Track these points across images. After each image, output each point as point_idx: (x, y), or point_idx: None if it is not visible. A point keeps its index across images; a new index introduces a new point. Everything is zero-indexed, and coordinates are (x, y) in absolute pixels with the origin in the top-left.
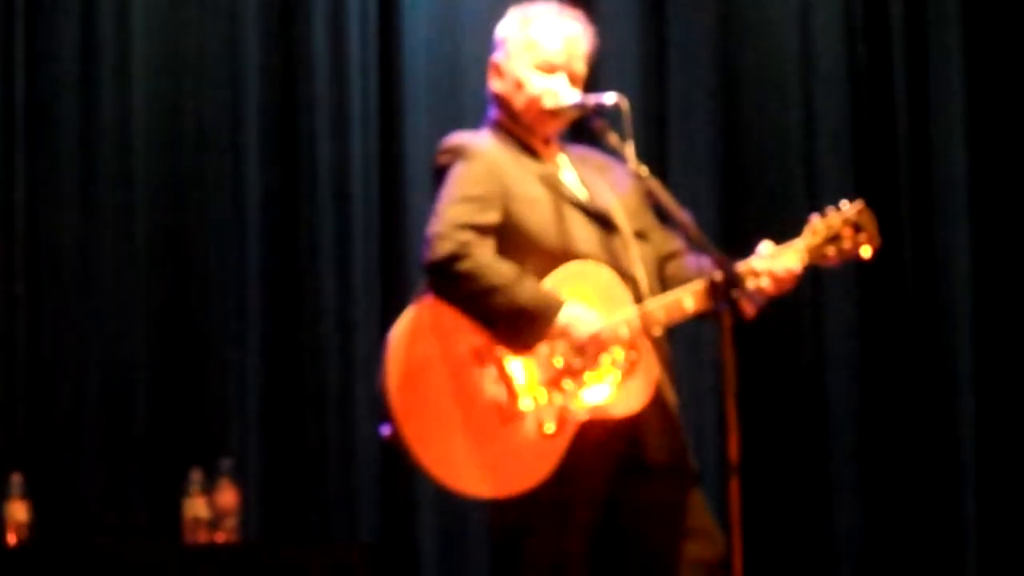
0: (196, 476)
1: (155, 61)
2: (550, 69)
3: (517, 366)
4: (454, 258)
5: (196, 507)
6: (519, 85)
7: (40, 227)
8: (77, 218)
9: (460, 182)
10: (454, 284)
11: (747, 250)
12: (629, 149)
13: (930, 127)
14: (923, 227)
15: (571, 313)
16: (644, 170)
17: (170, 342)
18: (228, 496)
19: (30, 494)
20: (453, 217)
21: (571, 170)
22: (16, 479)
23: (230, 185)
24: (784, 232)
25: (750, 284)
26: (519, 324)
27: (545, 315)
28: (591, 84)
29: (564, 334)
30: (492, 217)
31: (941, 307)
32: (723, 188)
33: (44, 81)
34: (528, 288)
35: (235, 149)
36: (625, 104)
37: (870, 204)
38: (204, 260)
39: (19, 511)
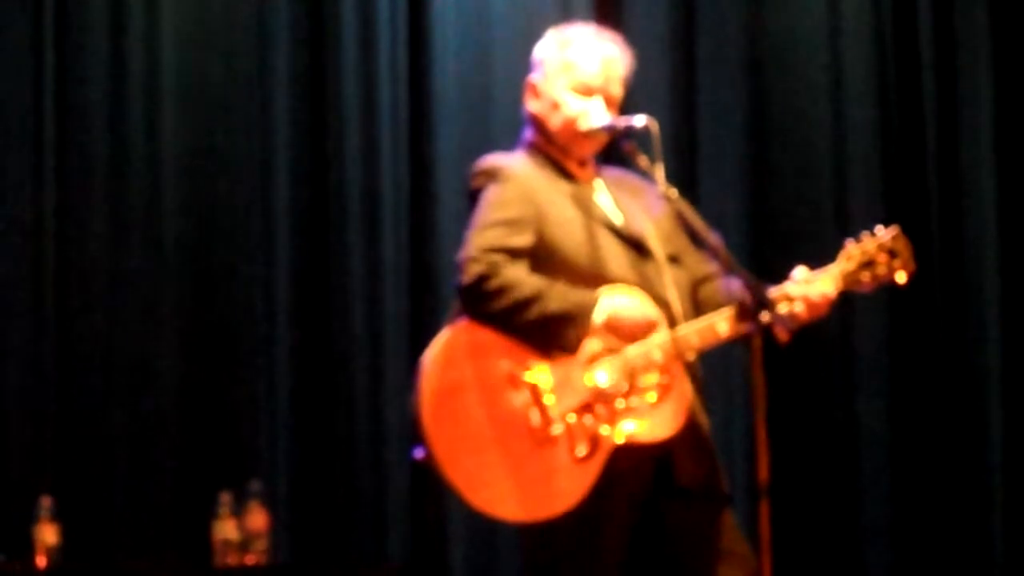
0: (226, 499)
1: (184, 78)
2: (587, 92)
3: (551, 389)
4: (484, 278)
5: (226, 529)
6: (555, 106)
7: (70, 251)
8: (106, 243)
9: (493, 206)
10: (487, 303)
11: (776, 272)
12: (659, 171)
13: (959, 151)
14: (952, 250)
15: (610, 303)
16: (674, 192)
17: (200, 365)
18: (258, 518)
19: (59, 517)
20: (484, 242)
21: (606, 193)
22: (45, 502)
23: (260, 208)
24: (813, 254)
25: (783, 308)
26: (558, 329)
27: (582, 313)
28: (623, 108)
29: (608, 327)
30: (524, 240)
31: (971, 329)
32: (753, 211)
33: (74, 96)
34: (559, 292)
35: (264, 172)
36: (655, 126)
37: (900, 221)
38: (233, 283)
39: (49, 534)
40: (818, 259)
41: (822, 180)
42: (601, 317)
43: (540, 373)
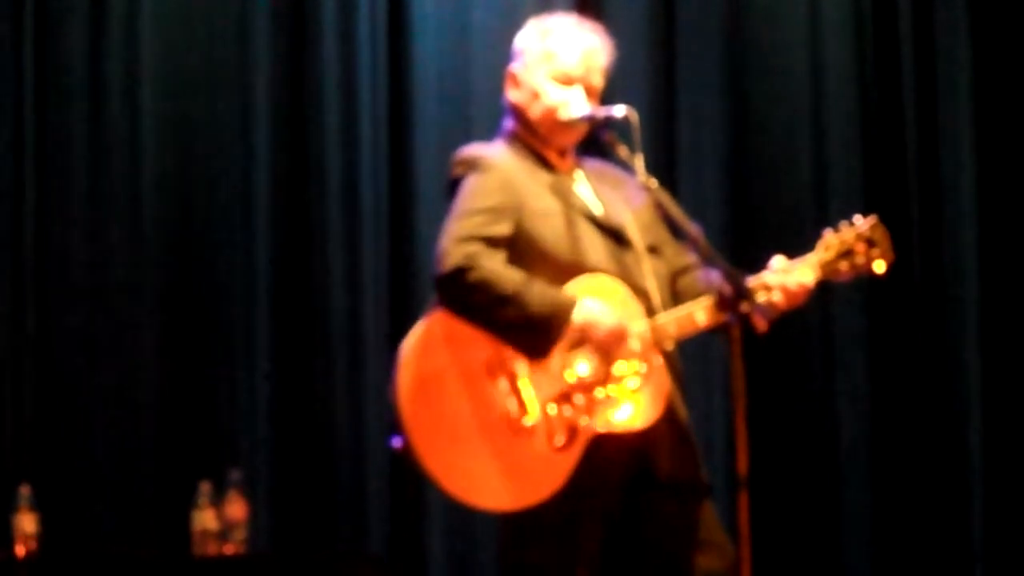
0: (205, 488)
1: (164, 68)
2: (567, 81)
3: (529, 378)
4: (461, 270)
5: (205, 519)
6: (535, 95)
7: (49, 239)
8: (86, 230)
9: (472, 195)
10: (463, 297)
11: (757, 263)
12: (638, 162)
13: (939, 141)
14: (931, 240)
15: (586, 310)
16: (653, 182)
17: (179, 354)
18: (237, 508)
19: (38, 506)
20: (461, 230)
21: (586, 183)
22: (24, 491)
23: (239, 197)
24: (794, 244)
25: (761, 298)
26: (532, 331)
27: (559, 317)
28: (603, 97)
29: (582, 333)
30: (503, 229)
31: (950, 319)
32: (733, 201)
33: (53, 89)
34: (538, 293)
35: (245, 162)
36: (634, 117)
37: (879, 213)
38: (213, 272)
39: (27, 523)
40: (798, 249)
41: (802, 169)
42: (578, 322)
43: (518, 362)
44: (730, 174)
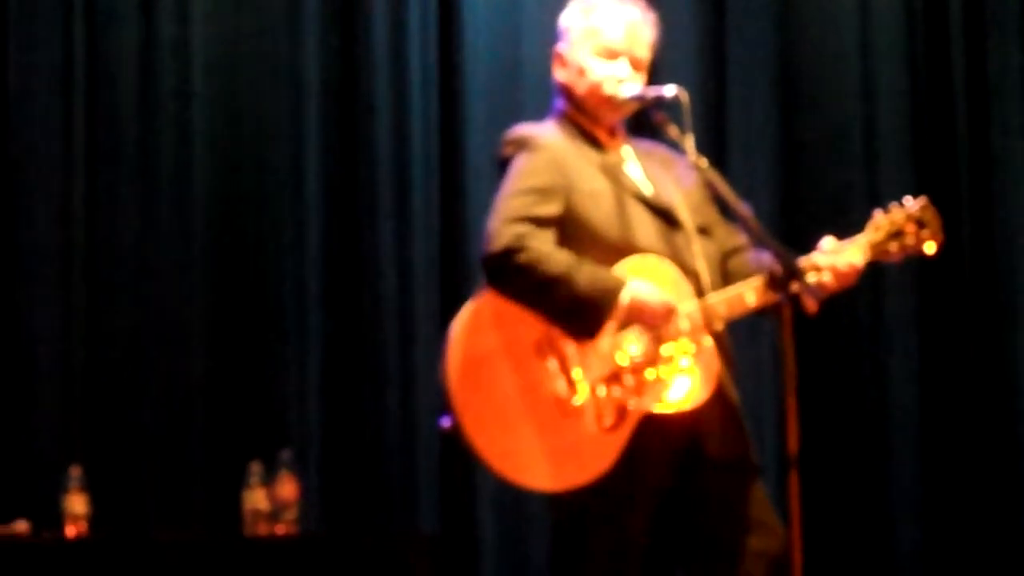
0: (256, 468)
1: (215, 69)
2: (611, 55)
3: (578, 359)
4: (510, 251)
5: (256, 499)
6: (581, 72)
7: (98, 221)
8: (135, 212)
9: (521, 175)
10: (511, 278)
11: (807, 243)
12: (689, 142)
13: (990, 121)
14: (982, 222)
15: (635, 291)
16: (704, 162)
17: (230, 335)
18: (288, 488)
19: (89, 487)
20: (510, 211)
21: (636, 163)
22: (75, 472)
23: (290, 177)
24: (843, 224)
25: (811, 279)
26: (581, 313)
27: (606, 299)
28: (652, 75)
29: (631, 313)
30: (552, 209)
31: (1001, 301)
32: (783, 181)
33: (104, 91)
34: (586, 275)
35: (295, 144)
36: (685, 97)
37: (930, 194)
38: (263, 252)
39: (78, 504)
40: (848, 230)
41: (852, 151)
42: (625, 302)
43: (567, 342)
44: (780, 155)
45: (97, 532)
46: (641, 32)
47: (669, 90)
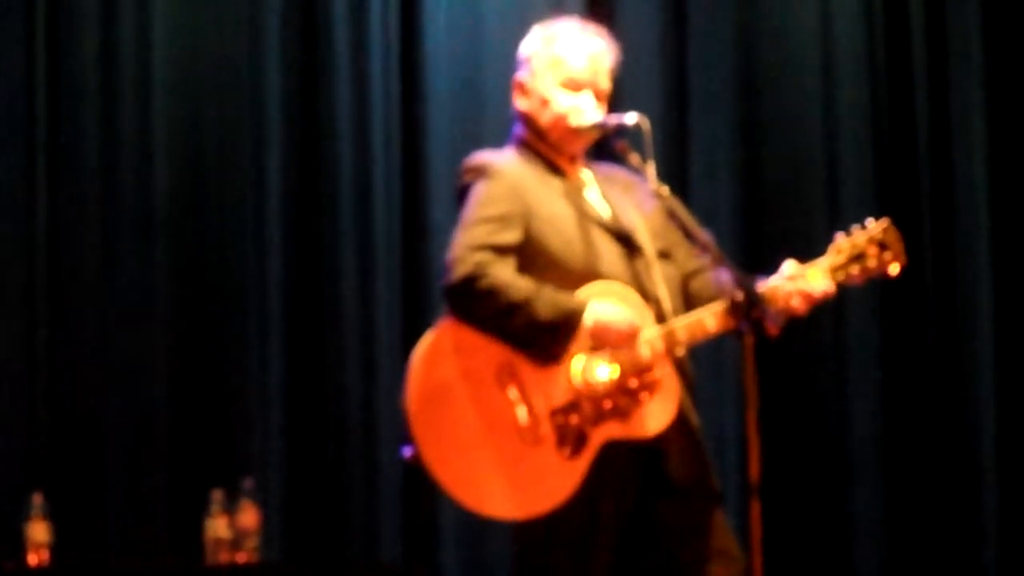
0: (217, 496)
1: (175, 75)
2: (576, 87)
3: (538, 387)
4: (471, 279)
5: (217, 527)
6: (544, 103)
7: (61, 248)
8: (98, 239)
9: (480, 202)
10: (473, 306)
11: (768, 268)
12: (650, 169)
13: (951, 142)
14: (944, 245)
15: (597, 312)
16: (665, 190)
17: (191, 363)
18: (249, 516)
19: (51, 514)
20: (470, 239)
21: (595, 188)
22: (37, 499)
23: (251, 205)
24: (805, 250)
25: (776, 303)
26: (544, 338)
27: (570, 323)
28: (613, 103)
29: (594, 336)
30: (512, 236)
31: (963, 322)
32: (744, 206)
33: (65, 97)
34: (547, 300)
35: (256, 169)
36: (646, 124)
37: (891, 216)
38: (225, 280)
39: (40, 531)
40: (810, 255)
41: (814, 174)
42: (588, 324)
43: (527, 370)
44: (742, 181)
45: (59, 560)
46: (603, 62)
47: (630, 118)
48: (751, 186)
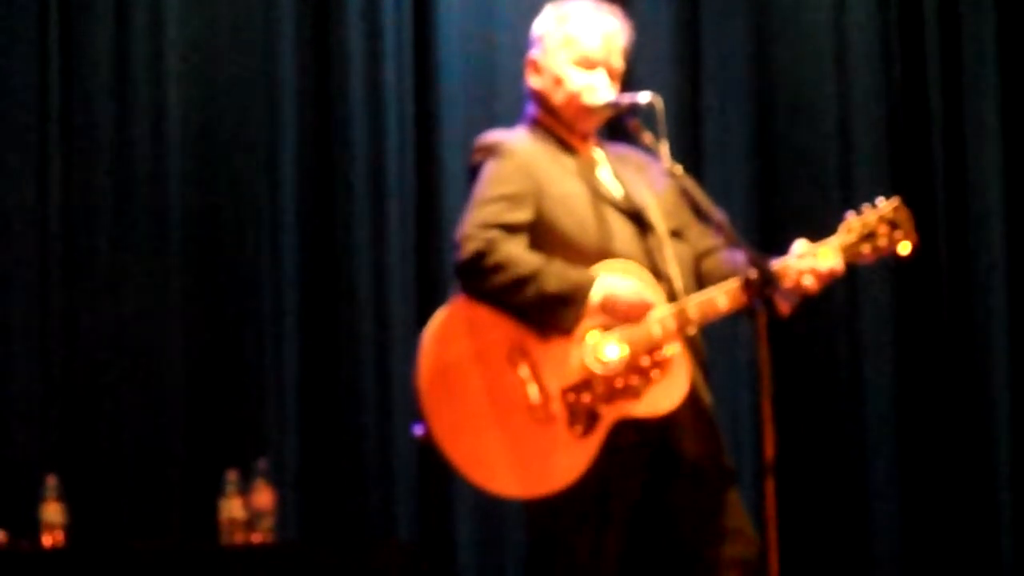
0: (232, 477)
1: (190, 66)
2: (589, 65)
3: (550, 365)
4: (480, 255)
5: (232, 508)
6: (558, 81)
7: (75, 228)
8: (112, 220)
9: (491, 181)
10: (483, 281)
11: (781, 247)
12: (663, 148)
13: (964, 122)
14: (957, 224)
15: (606, 285)
16: (678, 169)
17: (206, 343)
18: (264, 497)
19: (65, 496)
20: (481, 218)
21: (607, 167)
22: (51, 481)
23: (265, 185)
24: (819, 229)
25: (787, 282)
26: (555, 310)
27: (578, 294)
28: (627, 82)
29: (604, 308)
30: (523, 215)
31: (976, 301)
32: (758, 185)
33: (79, 90)
34: (556, 272)
35: (270, 152)
36: (659, 103)
37: (905, 195)
38: (240, 261)
39: (54, 513)
40: (823, 233)
41: (828, 153)
42: (597, 297)
43: (539, 349)
44: (756, 160)
45: (74, 541)
46: (617, 41)
47: (644, 96)
48: (765, 165)
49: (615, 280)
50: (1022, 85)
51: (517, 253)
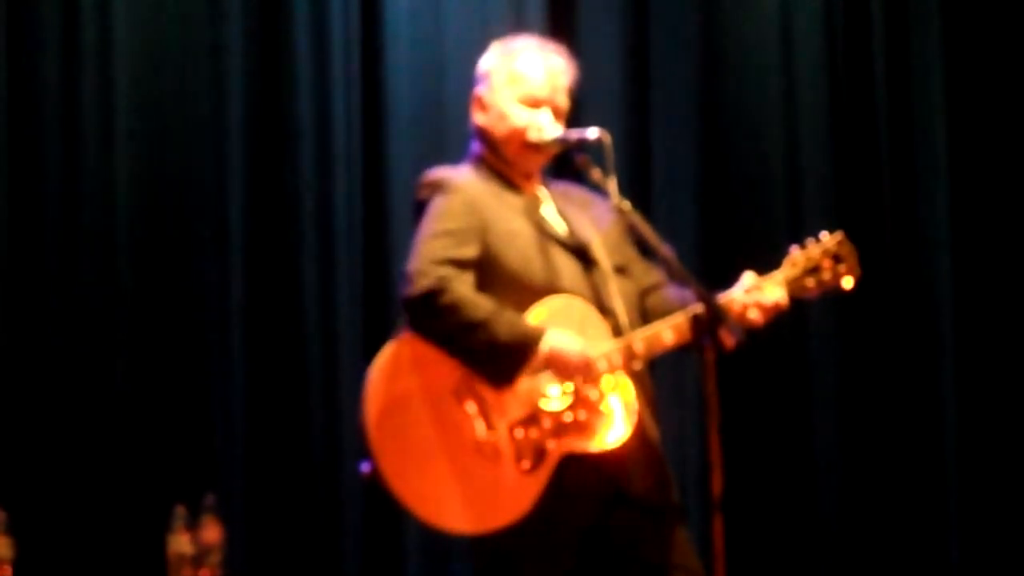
0: (180, 512)
1: (137, 90)
2: (534, 103)
3: (496, 402)
4: (433, 293)
5: (180, 543)
6: (502, 118)
7: (19, 260)
8: (58, 245)
9: (438, 217)
10: (433, 320)
11: (729, 282)
12: (612, 184)
13: (913, 139)
14: (905, 254)
15: (553, 341)
16: (627, 205)
17: (153, 377)
18: (212, 532)
19: (13, 531)
20: (431, 252)
21: (551, 205)
22: None
23: (212, 218)
24: (767, 264)
25: (733, 315)
26: (500, 359)
27: (526, 347)
28: (574, 118)
29: (549, 363)
30: (470, 251)
31: (926, 330)
32: (705, 221)
33: (24, 101)
34: (507, 322)
35: (217, 182)
36: (607, 139)
37: (853, 228)
38: (186, 296)
39: (2, 548)
40: (771, 267)
41: (776, 189)
42: (544, 351)
43: (486, 385)
44: (704, 194)
45: None
46: (562, 79)
47: (592, 132)
48: (713, 199)
49: (562, 336)
50: (971, 104)
51: (469, 296)
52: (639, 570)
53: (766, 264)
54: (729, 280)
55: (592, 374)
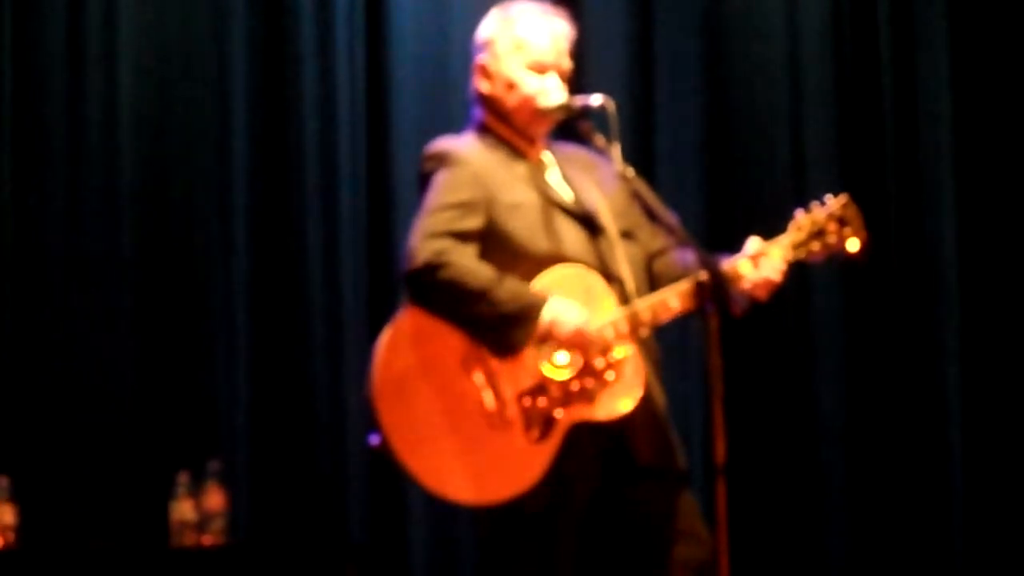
0: (183, 479)
1: (140, 67)
2: (541, 69)
3: (504, 372)
4: (431, 267)
5: (183, 510)
6: (511, 86)
7: (27, 233)
8: (64, 220)
9: (442, 190)
10: (433, 294)
11: (733, 248)
12: (615, 150)
13: (918, 122)
14: (910, 218)
15: (554, 309)
16: (630, 171)
17: (158, 345)
18: (215, 498)
19: (17, 497)
20: (431, 226)
21: (556, 170)
22: (3, 482)
23: (217, 192)
24: (771, 229)
25: (739, 286)
26: (502, 328)
27: (528, 316)
28: (578, 84)
29: (550, 332)
30: (474, 223)
31: (930, 302)
32: (709, 186)
33: (31, 78)
34: (508, 290)
35: (222, 153)
36: (611, 105)
37: (857, 197)
38: (191, 262)
39: (6, 514)
40: (774, 233)
41: (780, 155)
42: (545, 320)
43: (493, 355)
44: (708, 160)
45: (25, 543)
46: (564, 42)
47: (596, 99)
48: (717, 165)
49: (564, 305)
50: (976, 84)
51: (468, 266)
52: (646, 536)
53: (769, 228)
54: (732, 246)
55: (586, 346)
